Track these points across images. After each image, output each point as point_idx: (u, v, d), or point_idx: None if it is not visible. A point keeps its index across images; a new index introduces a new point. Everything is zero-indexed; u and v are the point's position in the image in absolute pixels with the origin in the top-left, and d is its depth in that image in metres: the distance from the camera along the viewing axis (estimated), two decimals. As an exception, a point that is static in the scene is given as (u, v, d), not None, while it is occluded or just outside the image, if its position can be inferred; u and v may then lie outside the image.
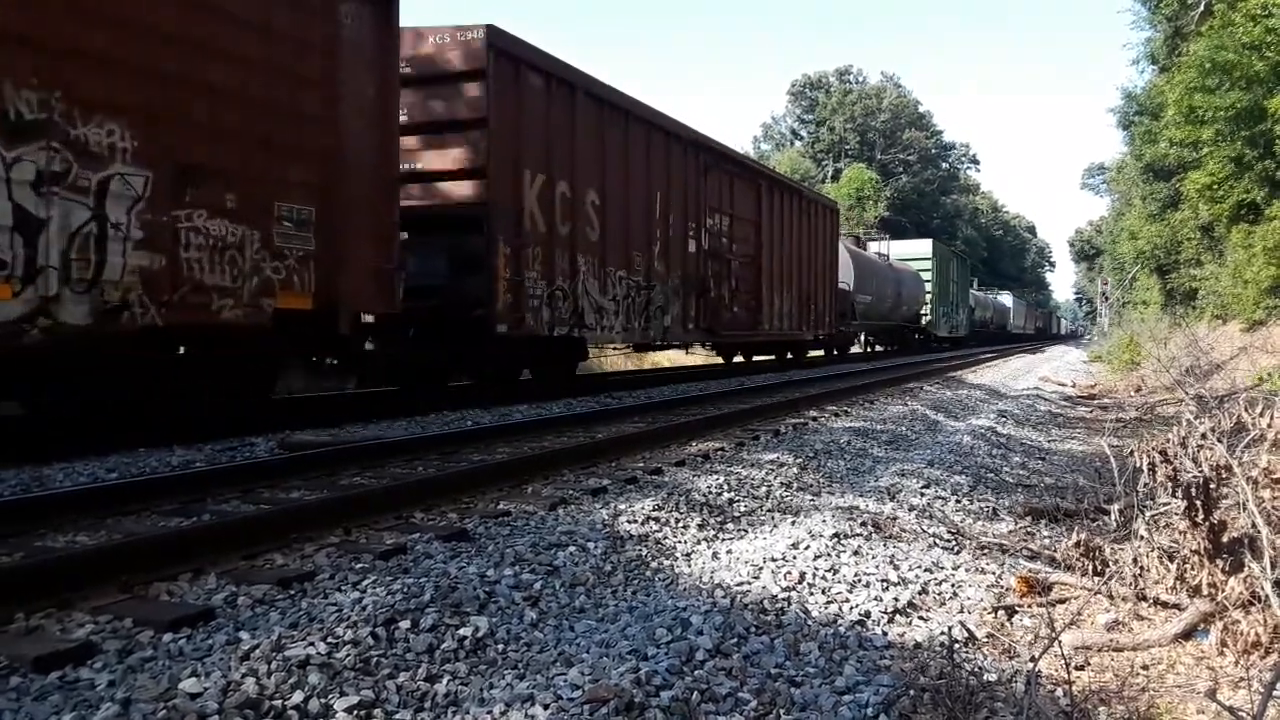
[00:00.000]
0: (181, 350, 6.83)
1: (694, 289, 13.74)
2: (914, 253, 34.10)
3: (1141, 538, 3.55)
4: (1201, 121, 18.09)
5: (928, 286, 32.52)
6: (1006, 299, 59.15)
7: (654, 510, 4.40)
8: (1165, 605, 3.36)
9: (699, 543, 4.09)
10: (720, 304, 14.68)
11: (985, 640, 3.12)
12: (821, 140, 67.54)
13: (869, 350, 30.53)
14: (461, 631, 2.74)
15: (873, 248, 30.64)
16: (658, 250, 12.60)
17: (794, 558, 3.74)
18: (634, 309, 12.08)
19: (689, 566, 3.70)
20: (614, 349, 16.41)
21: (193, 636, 2.66)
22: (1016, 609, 3.50)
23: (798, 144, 69.91)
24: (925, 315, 32.44)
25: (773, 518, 4.67)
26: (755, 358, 20.64)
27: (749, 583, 3.42)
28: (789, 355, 20.77)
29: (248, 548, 3.53)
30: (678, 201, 13.20)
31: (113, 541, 3.60)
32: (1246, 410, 3.73)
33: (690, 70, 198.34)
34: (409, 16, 10.37)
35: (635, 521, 4.20)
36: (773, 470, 5.76)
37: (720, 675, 2.56)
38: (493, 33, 9.29)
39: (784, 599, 3.25)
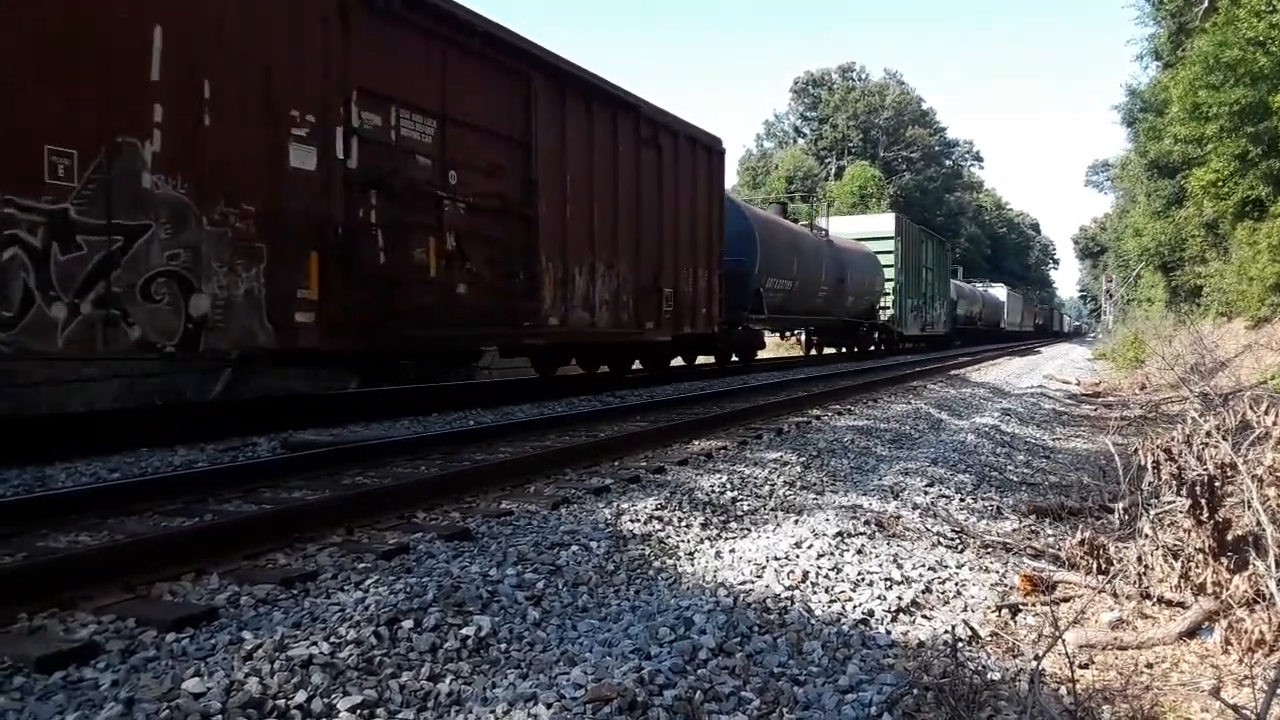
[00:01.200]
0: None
1: (313, 244, 6.77)
2: (869, 230, 26.82)
3: (1146, 536, 3.54)
4: (1206, 118, 18.05)
5: (890, 273, 25.78)
6: (1000, 292, 51.83)
7: (657, 509, 4.40)
8: (1169, 604, 3.35)
9: (702, 542, 4.09)
10: (399, 278, 7.55)
11: (989, 639, 3.12)
12: (824, 137, 67.45)
13: (811, 354, 24.72)
14: (464, 631, 2.74)
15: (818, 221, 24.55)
16: (156, 150, 5.70)
17: (797, 556, 3.74)
18: (40, 280, 5.06)
19: (692, 565, 3.70)
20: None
21: (196, 636, 2.66)
22: (1020, 607, 3.49)
23: (800, 141, 69.86)
24: (886, 309, 25.74)
25: (776, 516, 4.66)
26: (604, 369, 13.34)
27: (752, 582, 3.41)
28: (639, 364, 13.87)
29: (250, 547, 3.53)
30: (246, 59, 6.31)
31: (115, 541, 3.61)
32: (1251, 408, 3.72)
33: (694, 67, 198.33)
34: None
35: (638, 520, 4.20)
36: (776, 469, 5.75)
37: (723, 674, 2.56)
38: None
39: (787, 598, 3.25)
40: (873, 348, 26.08)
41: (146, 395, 9.03)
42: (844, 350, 25.37)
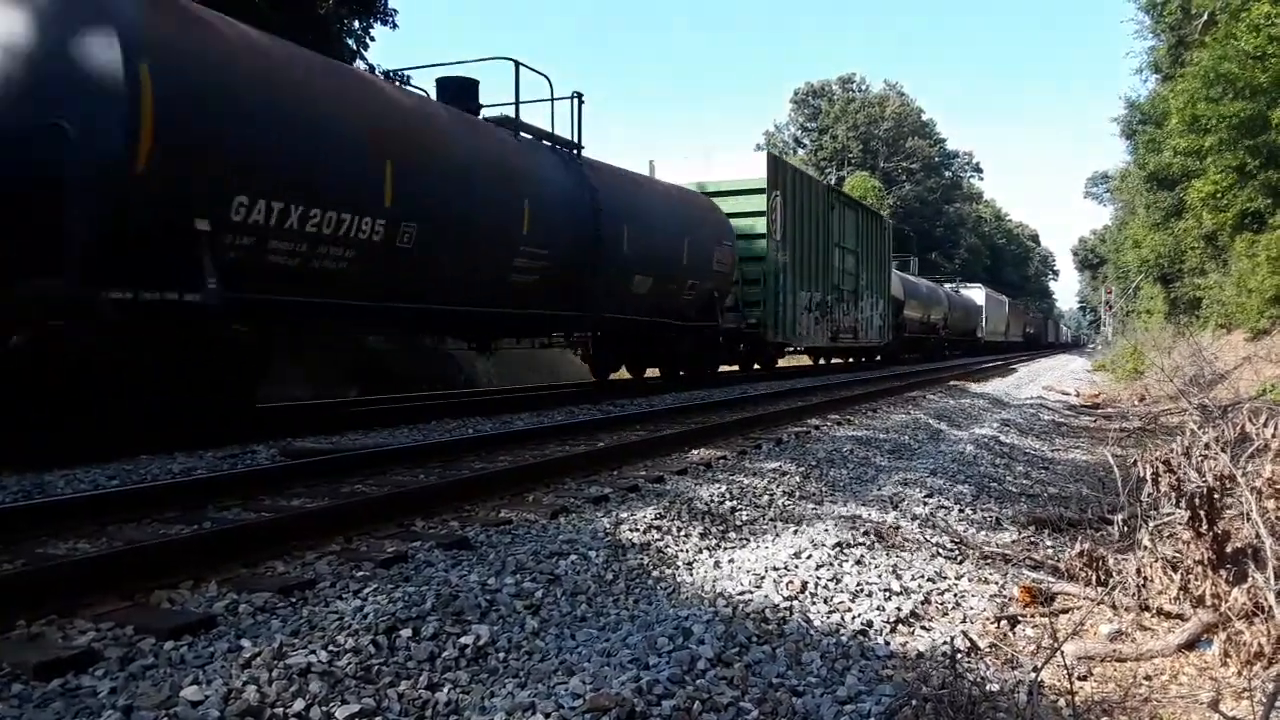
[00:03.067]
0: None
1: None
2: (724, 180, 16.32)
3: (1145, 548, 3.54)
4: (1205, 130, 18.12)
5: (760, 246, 16.02)
6: (976, 294, 41.08)
7: (656, 519, 4.40)
8: (1168, 616, 3.35)
9: (701, 551, 4.09)
10: None
11: (988, 650, 3.12)
12: (825, 148, 67.57)
13: (603, 384, 14.28)
14: (463, 640, 2.74)
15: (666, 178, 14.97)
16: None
17: (796, 567, 3.73)
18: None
19: (691, 575, 3.69)
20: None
21: (194, 644, 2.66)
22: (1019, 619, 3.49)
23: (801, 152, 70.00)
24: (755, 304, 16.06)
25: (775, 526, 4.66)
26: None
27: (751, 592, 3.41)
28: None
29: (249, 555, 3.53)
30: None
31: (114, 549, 3.61)
32: (1250, 420, 3.72)
33: (694, 78, 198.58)
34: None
35: (637, 530, 4.19)
36: (775, 479, 5.75)
37: (722, 684, 2.56)
38: None
39: (786, 608, 3.24)
40: (737, 366, 17.09)
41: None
42: (706, 374, 15.04)
